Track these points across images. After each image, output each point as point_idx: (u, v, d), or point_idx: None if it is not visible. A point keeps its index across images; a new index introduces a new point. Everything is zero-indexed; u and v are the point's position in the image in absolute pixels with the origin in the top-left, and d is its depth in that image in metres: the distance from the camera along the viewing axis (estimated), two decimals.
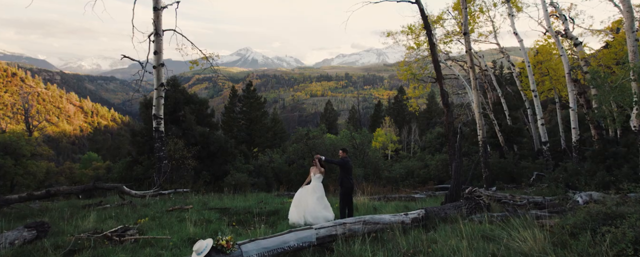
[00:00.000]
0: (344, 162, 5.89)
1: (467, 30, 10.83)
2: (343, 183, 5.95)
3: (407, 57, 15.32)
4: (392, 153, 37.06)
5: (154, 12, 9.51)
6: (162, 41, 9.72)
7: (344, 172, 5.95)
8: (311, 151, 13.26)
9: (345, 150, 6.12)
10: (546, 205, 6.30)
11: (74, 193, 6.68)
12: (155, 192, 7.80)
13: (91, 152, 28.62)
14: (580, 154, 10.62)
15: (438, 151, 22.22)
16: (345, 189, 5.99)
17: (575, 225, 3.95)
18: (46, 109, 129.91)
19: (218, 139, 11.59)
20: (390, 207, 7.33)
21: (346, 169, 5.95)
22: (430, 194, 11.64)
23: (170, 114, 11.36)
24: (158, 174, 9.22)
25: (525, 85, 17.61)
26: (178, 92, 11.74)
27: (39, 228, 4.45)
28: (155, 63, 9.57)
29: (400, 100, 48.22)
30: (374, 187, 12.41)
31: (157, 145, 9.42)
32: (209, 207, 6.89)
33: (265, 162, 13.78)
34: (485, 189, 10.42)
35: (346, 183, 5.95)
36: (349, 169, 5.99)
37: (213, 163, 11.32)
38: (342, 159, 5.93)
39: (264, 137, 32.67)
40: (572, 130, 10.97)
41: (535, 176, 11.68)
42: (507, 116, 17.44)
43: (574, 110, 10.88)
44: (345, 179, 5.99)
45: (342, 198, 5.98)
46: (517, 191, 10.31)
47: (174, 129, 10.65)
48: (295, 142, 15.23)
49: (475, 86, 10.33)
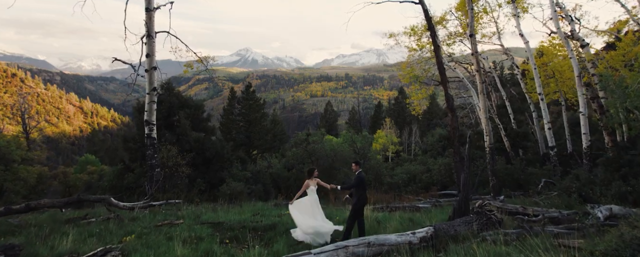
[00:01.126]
0: (360, 180, 5.48)
1: (473, 32, 10.42)
2: (360, 198, 5.52)
3: (410, 59, 14.88)
4: (393, 155, 36.64)
5: (146, 13, 9.09)
6: (155, 44, 9.29)
7: (361, 187, 5.55)
8: (310, 156, 12.83)
9: (358, 163, 5.72)
10: (563, 220, 5.88)
11: (56, 207, 6.24)
12: (145, 204, 7.36)
13: (88, 155, 28.16)
14: (591, 160, 10.19)
15: (440, 154, 21.79)
16: (361, 204, 5.60)
17: (607, 253, 3.52)
18: (46, 110, 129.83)
19: (214, 145, 11.15)
20: (394, 221, 6.89)
21: (364, 185, 5.56)
22: (435, 202, 11.19)
23: (164, 119, 10.93)
24: (150, 183, 8.78)
25: (530, 87, 17.17)
26: (173, 96, 11.31)
27: (8, 252, 4.01)
28: (147, 66, 9.13)
29: (401, 101, 47.80)
30: (376, 194, 11.99)
31: (149, 152, 8.99)
32: (202, 222, 6.45)
33: (264, 168, 13.34)
34: (493, 197, 9.99)
35: (363, 199, 5.56)
36: (365, 184, 5.62)
37: (208, 170, 10.88)
38: (358, 176, 5.52)
39: (263, 140, 32.20)
40: (582, 135, 10.54)
41: (543, 183, 11.23)
42: (512, 120, 17.00)
43: (584, 115, 10.45)
44: (362, 194, 5.57)
45: (355, 213, 5.54)
46: (525, 199, 9.86)
47: (167, 135, 10.21)
48: (295, 146, 14.80)
49: (482, 90, 9.90)
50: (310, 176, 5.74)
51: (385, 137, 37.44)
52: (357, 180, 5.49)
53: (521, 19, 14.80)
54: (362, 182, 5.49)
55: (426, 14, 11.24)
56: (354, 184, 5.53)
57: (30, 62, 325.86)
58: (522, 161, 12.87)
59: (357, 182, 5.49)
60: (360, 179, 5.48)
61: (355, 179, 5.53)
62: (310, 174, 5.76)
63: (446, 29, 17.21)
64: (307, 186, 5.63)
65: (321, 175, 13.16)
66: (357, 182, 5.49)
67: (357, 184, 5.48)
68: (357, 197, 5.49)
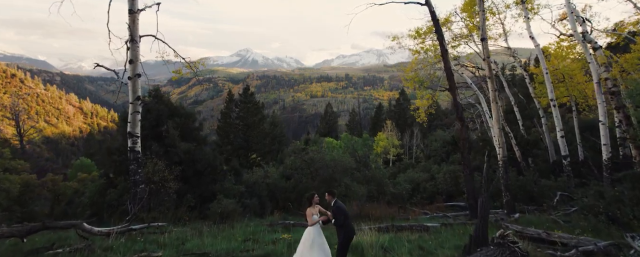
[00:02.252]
0: (341, 212, 4.82)
1: (485, 35, 9.64)
2: (347, 232, 4.82)
3: (414, 63, 14.11)
4: (394, 158, 35.87)
5: (129, 15, 8.32)
6: (139, 49, 8.52)
7: (343, 219, 4.85)
8: (309, 166, 12.07)
9: (332, 192, 5.04)
10: (599, 253, 5.12)
11: (15, 236, 5.47)
12: (123, 228, 6.59)
13: (84, 158, 27.32)
14: (612, 174, 9.42)
15: (444, 160, 21.00)
16: (349, 237, 4.89)
17: None
18: (45, 110, 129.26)
19: (206, 156, 10.39)
20: (403, 249, 6.13)
21: (345, 215, 4.89)
22: (443, 218, 10.42)
23: (152, 129, 10.17)
24: (133, 201, 8.02)
25: (538, 92, 16.42)
26: (161, 103, 10.54)
27: None
28: (131, 73, 8.37)
29: (402, 103, 47.00)
30: (379, 207, 11.21)
31: (132, 167, 8.22)
32: (184, 253, 5.69)
33: (260, 178, 12.57)
34: (507, 215, 9.22)
35: (349, 231, 4.85)
36: (347, 213, 4.96)
37: (199, 183, 10.11)
38: (337, 208, 4.85)
39: (262, 143, 31.42)
40: (602, 146, 9.76)
41: (558, 196, 10.47)
42: (521, 126, 16.23)
43: (604, 125, 9.68)
44: (347, 224, 4.89)
45: (342, 248, 4.85)
46: (541, 216, 9.09)
47: (154, 147, 9.45)
48: (293, 154, 14.02)
49: (495, 98, 9.13)
50: (310, 203, 5.02)
51: (386, 140, 36.68)
52: (339, 213, 4.79)
53: (532, 21, 14.07)
54: (342, 213, 4.83)
55: (433, 16, 10.49)
56: (339, 220, 4.81)
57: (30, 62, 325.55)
58: (535, 172, 12.09)
59: (340, 217, 4.80)
60: (341, 212, 4.81)
61: (336, 212, 4.84)
62: (310, 201, 5.03)
63: (451, 31, 16.47)
64: (311, 215, 4.90)
65: (321, 186, 12.43)
66: (340, 217, 4.78)
67: (340, 219, 4.80)
68: (343, 233, 4.82)
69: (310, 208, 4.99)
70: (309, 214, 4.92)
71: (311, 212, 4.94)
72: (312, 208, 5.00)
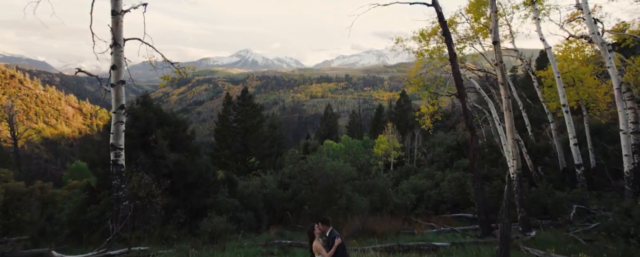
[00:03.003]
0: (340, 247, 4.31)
1: (497, 38, 8.97)
2: None
3: (419, 66, 13.44)
4: (395, 161, 35.18)
5: (112, 17, 7.65)
6: (123, 53, 7.85)
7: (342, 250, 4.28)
8: (308, 177, 11.39)
9: (327, 221, 4.46)
10: None
11: None
12: (100, 254, 5.92)
13: (80, 162, 26.54)
14: (635, 187, 8.75)
15: (448, 166, 20.31)
16: None
17: None
18: (44, 111, 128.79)
19: (198, 167, 9.70)
20: None
21: (343, 247, 4.39)
22: (451, 233, 9.74)
23: (140, 137, 9.49)
24: (115, 219, 7.34)
25: (547, 96, 15.75)
26: (150, 110, 9.86)
27: None
28: (114, 80, 7.69)
29: (402, 104, 46.31)
30: (383, 221, 10.53)
31: (115, 182, 7.54)
32: None
33: (256, 189, 11.89)
34: (522, 232, 8.54)
35: None
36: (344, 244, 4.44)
37: (190, 196, 9.43)
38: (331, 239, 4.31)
39: (261, 147, 30.73)
40: (623, 157, 9.08)
41: (575, 210, 9.78)
42: (530, 133, 15.55)
43: (626, 134, 9.00)
44: None
45: None
46: (559, 233, 8.40)
47: (141, 158, 8.77)
48: (291, 163, 13.35)
49: (508, 106, 8.45)
50: (313, 236, 4.39)
51: (387, 142, 35.95)
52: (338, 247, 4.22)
53: (542, 22, 13.40)
54: (341, 247, 4.27)
55: (441, 18, 9.82)
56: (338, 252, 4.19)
57: (30, 63, 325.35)
58: (548, 183, 11.40)
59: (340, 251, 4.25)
60: (340, 247, 4.25)
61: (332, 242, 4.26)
62: (311, 234, 4.41)
63: (456, 32, 15.81)
64: (321, 249, 4.26)
65: (321, 197, 11.75)
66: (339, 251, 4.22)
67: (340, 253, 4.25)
68: None
69: (315, 241, 4.37)
70: (319, 249, 4.29)
71: (318, 246, 4.32)
72: (317, 241, 4.38)
